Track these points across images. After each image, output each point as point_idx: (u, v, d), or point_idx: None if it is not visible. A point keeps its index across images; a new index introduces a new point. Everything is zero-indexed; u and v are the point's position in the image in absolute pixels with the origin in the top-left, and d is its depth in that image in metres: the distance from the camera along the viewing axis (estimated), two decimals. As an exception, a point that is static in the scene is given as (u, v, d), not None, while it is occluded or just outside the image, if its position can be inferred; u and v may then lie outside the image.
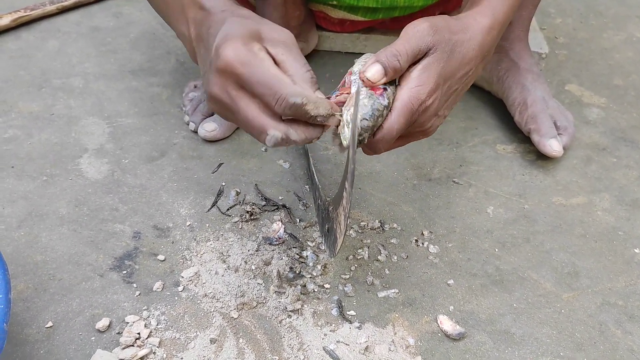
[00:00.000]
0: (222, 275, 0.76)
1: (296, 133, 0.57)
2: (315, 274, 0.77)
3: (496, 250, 0.83)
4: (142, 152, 0.92)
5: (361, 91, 0.59)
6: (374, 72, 0.60)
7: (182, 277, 0.76)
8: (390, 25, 1.15)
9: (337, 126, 0.59)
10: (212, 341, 0.69)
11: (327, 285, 0.76)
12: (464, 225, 0.86)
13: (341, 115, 0.58)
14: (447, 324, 0.73)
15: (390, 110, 0.60)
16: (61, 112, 0.98)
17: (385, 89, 0.60)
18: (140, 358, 0.66)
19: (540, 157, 0.97)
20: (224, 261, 0.78)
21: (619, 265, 0.82)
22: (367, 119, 0.58)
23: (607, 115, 1.08)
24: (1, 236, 0.79)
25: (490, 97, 1.08)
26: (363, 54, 0.65)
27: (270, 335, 0.71)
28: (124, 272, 0.76)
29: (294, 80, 0.57)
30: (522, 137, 0.99)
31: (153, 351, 0.68)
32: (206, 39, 0.62)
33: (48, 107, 0.99)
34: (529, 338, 0.73)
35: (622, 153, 1.00)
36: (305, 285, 0.76)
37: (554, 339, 0.73)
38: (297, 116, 0.56)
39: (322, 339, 0.71)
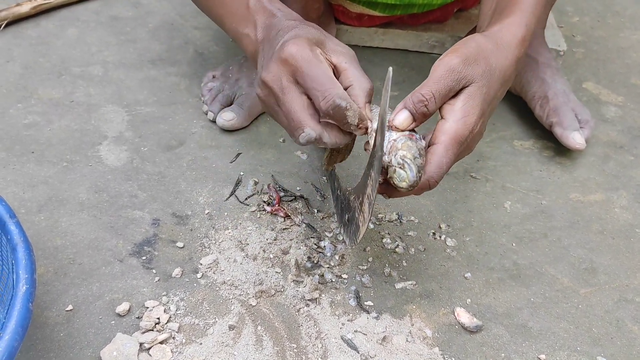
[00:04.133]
0: (241, 263, 0.77)
1: (329, 136, 0.61)
2: (332, 264, 0.78)
3: (513, 244, 0.83)
4: (161, 141, 0.93)
5: (400, 137, 0.59)
6: (402, 120, 0.59)
7: (201, 264, 0.76)
8: (409, 20, 1.15)
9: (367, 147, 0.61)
10: (231, 328, 0.70)
11: (344, 276, 0.76)
12: (481, 219, 0.86)
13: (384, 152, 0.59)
14: (465, 317, 0.73)
15: (434, 144, 0.60)
16: (81, 100, 0.99)
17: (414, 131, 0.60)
18: (160, 342, 0.67)
19: (558, 154, 0.97)
20: (243, 249, 0.78)
21: (637, 262, 0.82)
22: (418, 157, 0.57)
23: (625, 114, 1.07)
24: (22, 220, 0.78)
25: (507, 93, 1.07)
26: (379, 47, 0.66)
27: (288, 324, 0.71)
28: (144, 258, 0.77)
29: (353, 87, 0.60)
30: (539, 133, 0.99)
31: (172, 336, 0.68)
32: (274, 38, 0.65)
33: (68, 94, 1.00)
34: (546, 332, 0.73)
35: (640, 151, 1.00)
36: (322, 275, 0.76)
37: (571, 333, 0.73)
38: (335, 119, 0.59)
39: (340, 328, 0.71)
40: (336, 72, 0.62)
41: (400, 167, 0.57)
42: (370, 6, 1.08)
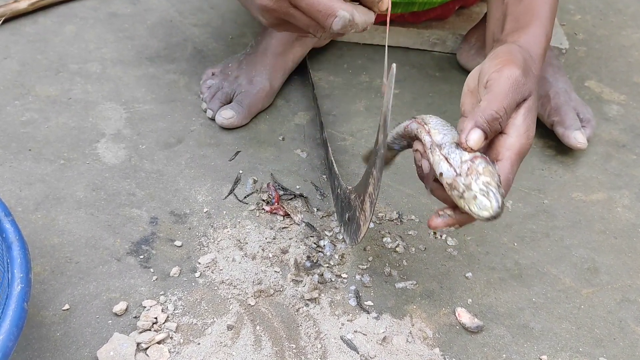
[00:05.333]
0: (239, 263, 0.76)
1: (359, 15, 0.57)
2: (332, 264, 0.77)
3: (515, 244, 0.82)
4: (160, 138, 0.92)
5: (479, 160, 0.55)
6: (477, 139, 0.55)
7: (199, 263, 0.75)
8: (409, 18, 1.14)
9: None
10: (229, 327, 0.69)
11: (344, 275, 0.76)
12: (483, 218, 0.85)
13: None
14: (466, 317, 0.72)
15: (498, 161, 0.58)
16: (78, 97, 0.98)
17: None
18: (157, 342, 0.66)
19: (560, 153, 0.96)
20: (241, 248, 0.77)
21: (639, 262, 0.81)
22: (499, 186, 0.54)
23: (627, 112, 1.07)
24: (18, 218, 0.78)
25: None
26: (380, 45, 0.64)
27: (287, 324, 0.70)
28: (141, 256, 0.76)
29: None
30: (541, 132, 0.98)
31: (170, 336, 0.67)
32: None
33: (65, 91, 0.99)
34: (547, 333, 0.72)
35: (642, 150, 0.99)
36: (322, 275, 0.75)
37: (573, 334, 0.72)
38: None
39: (340, 328, 0.70)
40: None
41: (483, 195, 0.53)
42: (370, 3, 1.07)
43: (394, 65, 0.57)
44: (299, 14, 0.58)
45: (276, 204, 0.83)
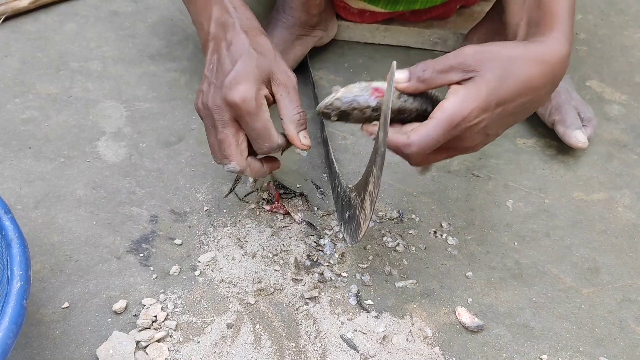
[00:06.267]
0: (239, 261, 0.76)
1: (250, 171, 0.70)
2: (332, 262, 0.77)
3: (515, 243, 0.82)
4: (160, 137, 0.92)
5: (362, 85, 0.61)
6: (400, 74, 0.61)
7: (199, 261, 0.75)
8: (410, 17, 1.13)
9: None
10: (229, 326, 0.69)
11: (344, 274, 0.76)
12: (483, 218, 0.85)
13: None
14: (466, 316, 0.72)
15: (429, 119, 0.59)
16: (79, 95, 0.98)
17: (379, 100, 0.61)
18: (157, 340, 0.66)
19: (561, 152, 0.96)
20: (241, 247, 0.77)
21: (640, 262, 0.81)
22: (340, 100, 0.61)
23: (628, 112, 1.06)
24: (18, 216, 0.78)
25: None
26: (381, 44, 0.66)
27: (287, 322, 0.70)
28: (141, 255, 0.76)
29: (283, 120, 0.69)
30: (542, 131, 0.98)
31: (170, 334, 0.67)
32: (224, 52, 0.68)
33: (66, 89, 0.99)
34: (548, 332, 0.72)
35: (644, 150, 0.98)
36: (322, 273, 0.75)
37: (574, 334, 0.72)
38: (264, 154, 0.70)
39: (340, 327, 0.70)
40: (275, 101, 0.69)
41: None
42: (372, 2, 1.07)
43: (394, 62, 0.57)
44: (214, 135, 0.68)
45: (276, 202, 0.83)
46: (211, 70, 0.69)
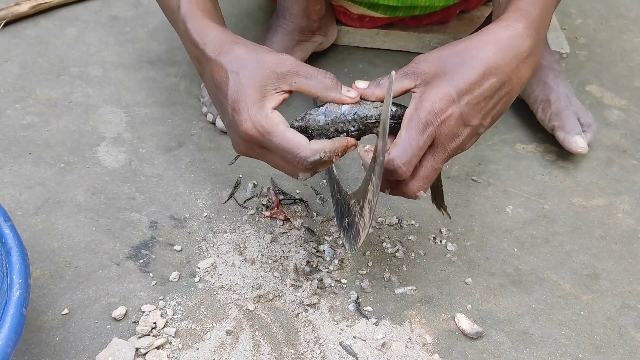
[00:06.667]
0: (239, 267, 0.76)
1: (322, 168, 0.63)
2: (332, 269, 0.77)
3: (515, 250, 0.82)
4: (160, 142, 0.92)
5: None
6: (361, 83, 0.64)
7: (199, 268, 0.75)
8: (410, 22, 1.14)
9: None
10: (228, 333, 0.69)
11: (344, 280, 0.76)
12: (483, 224, 0.85)
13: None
14: (465, 323, 0.72)
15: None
16: (79, 100, 0.98)
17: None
18: (156, 347, 0.66)
19: (561, 158, 0.96)
20: (241, 253, 0.77)
21: (639, 268, 0.81)
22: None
23: (628, 117, 1.06)
24: (18, 222, 0.78)
25: (509, 96, 1.06)
26: (381, 49, 0.67)
27: (287, 329, 0.70)
28: (141, 261, 0.76)
29: (319, 96, 0.63)
30: (542, 137, 0.98)
31: (169, 341, 0.67)
32: (213, 90, 0.66)
33: (66, 94, 0.99)
34: (547, 339, 0.72)
35: (643, 156, 0.99)
36: (322, 280, 0.75)
37: (573, 340, 0.72)
38: (319, 165, 0.62)
39: (339, 334, 0.70)
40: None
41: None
42: (372, 8, 1.07)
43: (393, 72, 0.57)
44: (271, 155, 0.64)
45: (276, 208, 0.83)
46: (213, 95, 0.67)
